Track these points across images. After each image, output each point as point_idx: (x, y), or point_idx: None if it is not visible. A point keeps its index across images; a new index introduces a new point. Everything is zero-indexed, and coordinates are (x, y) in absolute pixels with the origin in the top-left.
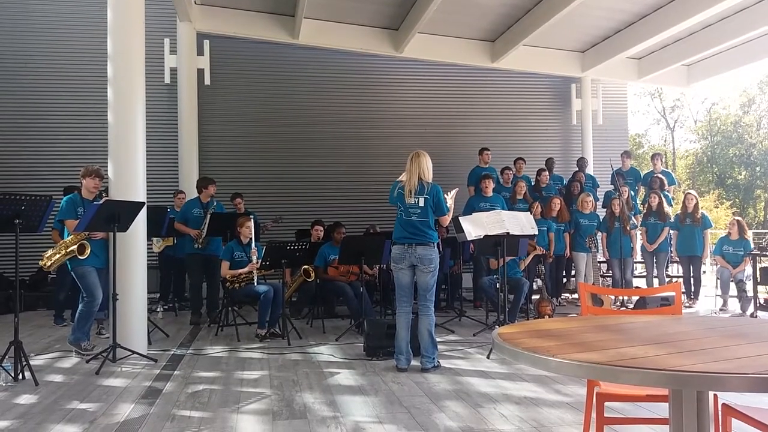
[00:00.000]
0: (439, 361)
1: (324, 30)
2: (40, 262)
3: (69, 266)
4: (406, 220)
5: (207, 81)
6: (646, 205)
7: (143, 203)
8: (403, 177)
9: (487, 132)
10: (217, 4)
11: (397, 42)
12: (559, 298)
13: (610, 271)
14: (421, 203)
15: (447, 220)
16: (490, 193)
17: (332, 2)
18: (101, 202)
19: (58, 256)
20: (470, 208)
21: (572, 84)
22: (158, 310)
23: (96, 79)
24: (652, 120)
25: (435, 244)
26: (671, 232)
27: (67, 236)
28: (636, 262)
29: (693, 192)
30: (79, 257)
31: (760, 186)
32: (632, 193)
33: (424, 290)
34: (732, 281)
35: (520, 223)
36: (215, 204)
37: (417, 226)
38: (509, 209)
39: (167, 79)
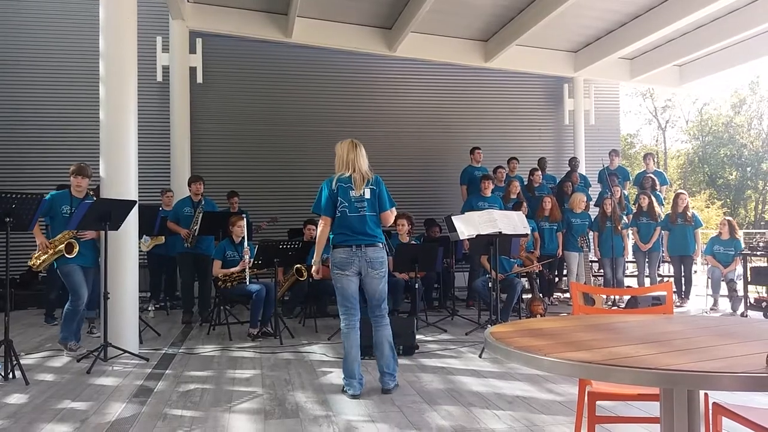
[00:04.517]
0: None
1: (317, 28)
2: (29, 262)
3: (55, 265)
4: (354, 216)
5: (199, 79)
6: (637, 205)
7: (135, 202)
8: (342, 169)
9: (479, 131)
10: (210, 2)
11: (391, 41)
12: (551, 298)
13: (602, 271)
14: (368, 195)
15: (391, 217)
16: (488, 194)
17: (325, 1)
18: (91, 200)
19: (45, 256)
20: (469, 207)
21: (565, 84)
22: (149, 309)
23: (88, 77)
24: (644, 120)
25: (383, 244)
26: (662, 232)
27: (54, 234)
28: (627, 262)
29: (684, 192)
30: (67, 256)
31: (751, 186)
32: (625, 193)
33: (378, 300)
34: (723, 281)
35: (513, 222)
36: (203, 203)
37: (368, 222)
38: (502, 209)
39: (159, 78)
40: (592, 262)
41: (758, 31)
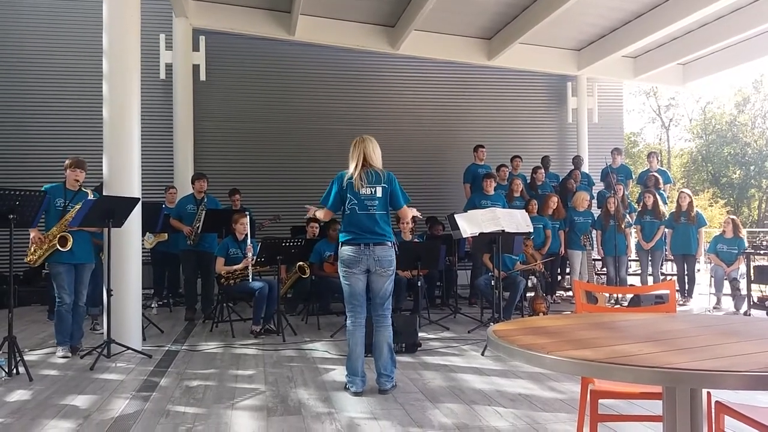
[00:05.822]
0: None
1: (320, 26)
2: (26, 258)
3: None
4: (363, 214)
5: (203, 77)
6: (641, 204)
7: (138, 199)
8: (351, 166)
9: (483, 129)
10: (213, 0)
11: (394, 39)
12: (554, 296)
13: (605, 269)
14: (379, 193)
15: (408, 213)
16: (491, 192)
17: None
18: (85, 195)
19: (41, 250)
20: (472, 205)
21: (568, 82)
22: (153, 306)
23: (91, 74)
24: (648, 119)
25: (392, 243)
26: (666, 230)
27: (47, 227)
28: (630, 260)
29: (687, 190)
30: (60, 249)
31: (754, 185)
32: (626, 192)
33: (382, 298)
34: (726, 279)
35: (516, 220)
36: (206, 200)
37: (377, 221)
38: (505, 207)
39: (162, 75)
40: (595, 260)
41: (762, 30)
